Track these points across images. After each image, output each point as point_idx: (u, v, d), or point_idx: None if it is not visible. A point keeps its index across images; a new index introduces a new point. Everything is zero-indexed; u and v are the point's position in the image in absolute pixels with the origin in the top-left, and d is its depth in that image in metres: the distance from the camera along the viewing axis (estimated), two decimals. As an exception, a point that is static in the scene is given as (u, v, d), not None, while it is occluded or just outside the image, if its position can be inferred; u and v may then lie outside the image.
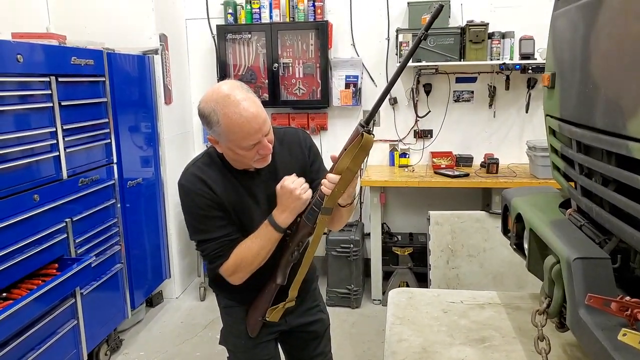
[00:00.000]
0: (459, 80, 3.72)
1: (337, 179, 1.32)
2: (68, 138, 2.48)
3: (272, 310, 1.55)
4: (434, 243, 3.23)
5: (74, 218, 2.52)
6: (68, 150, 2.48)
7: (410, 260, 3.60)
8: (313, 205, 1.41)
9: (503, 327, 1.74)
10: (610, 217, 1.13)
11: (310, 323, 1.69)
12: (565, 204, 1.55)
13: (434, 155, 3.72)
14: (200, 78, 3.98)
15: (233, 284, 1.49)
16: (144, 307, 3.42)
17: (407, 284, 3.51)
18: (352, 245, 3.47)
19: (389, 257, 3.64)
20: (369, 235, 3.59)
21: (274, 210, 1.44)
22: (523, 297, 1.96)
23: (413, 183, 3.39)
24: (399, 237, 3.81)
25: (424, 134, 3.82)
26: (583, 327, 1.07)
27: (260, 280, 1.52)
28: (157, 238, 3.46)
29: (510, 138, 3.75)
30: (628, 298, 1.00)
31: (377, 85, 3.81)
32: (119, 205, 2.98)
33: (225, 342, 1.69)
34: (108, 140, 2.88)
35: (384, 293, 3.53)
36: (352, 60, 3.77)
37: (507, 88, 3.60)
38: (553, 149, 1.54)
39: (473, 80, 3.71)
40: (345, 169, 1.31)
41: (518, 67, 3.38)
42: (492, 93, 3.65)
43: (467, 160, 3.67)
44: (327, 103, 3.78)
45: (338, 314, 3.37)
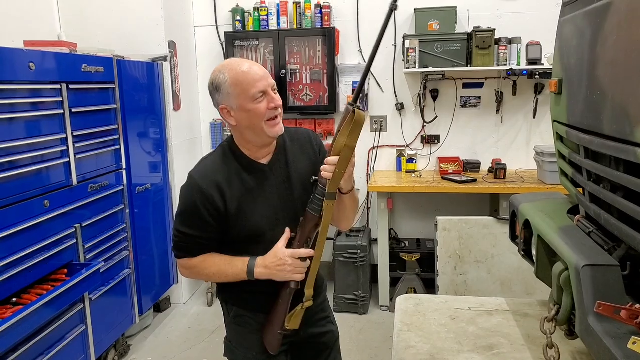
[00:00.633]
0: (466, 86, 3.72)
1: (336, 160, 1.33)
2: (78, 144, 2.51)
3: (290, 317, 1.48)
4: (442, 249, 3.22)
5: (84, 224, 2.54)
6: (78, 157, 2.51)
7: (418, 266, 3.59)
8: (316, 194, 1.40)
9: (511, 334, 1.73)
10: (619, 224, 1.12)
11: (321, 334, 1.66)
12: (574, 210, 1.55)
13: (442, 161, 3.72)
14: (208, 84, 4.01)
15: (241, 292, 1.50)
16: (152, 312, 3.44)
17: (414, 290, 3.50)
18: (359, 251, 3.47)
19: (397, 263, 3.63)
20: (376, 241, 3.59)
21: (259, 258, 1.44)
22: (532, 304, 1.94)
23: (420, 189, 3.39)
24: (407, 243, 3.80)
25: (431, 140, 3.82)
26: (592, 335, 1.06)
27: (272, 284, 1.48)
28: (165, 243, 3.48)
29: (518, 143, 3.74)
30: (638, 306, 0.99)
31: (384, 91, 3.82)
32: (128, 211, 3.00)
33: (233, 354, 1.61)
34: (117, 147, 2.90)
35: (392, 299, 3.52)
36: (359, 67, 3.79)
37: (514, 93, 3.59)
38: (561, 155, 1.53)
39: (480, 86, 3.71)
40: (343, 147, 1.33)
41: (525, 72, 3.38)
42: (499, 98, 3.65)
43: (474, 166, 3.66)
44: (334, 109, 3.79)
45: (345, 320, 3.36)
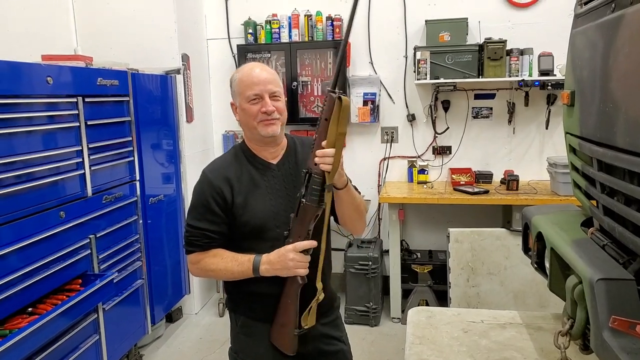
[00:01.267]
0: (478, 97, 3.71)
1: (333, 152, 1.34)
2: (93, 156, 2.55)
3: (306, 315, 1.47)
4: (454, 261, 3.20)
5: (98, 234, 2.57)
6: (93, 168, 2.55)
7: (430, 278, 3.57)
8: (313, 186, 1.40)
9: (525, 348, 1.71)
10: (634, 237, 1.11)
11: (332, 353, 1.63)
12: (587, 223, 1.53)
13: (453, 172, 3.71)
14: (221, 96, 4.05)
15: (250, 299, 1.52)
16: (164, 322, 3.46)
17: (426, 302, 3.47)
18: (370, 263, 3.46)
19: (408, 274, 3.61)
20: (388, 252, 3.58)
21: (264, 255, 1.46)
22: (545, 317, 1.92)
23: (432, 200, 3.37)
24: (418, 254, 3.78)
25: (443, 151, 3.82)
26: (607, 350, 1.05)
27: (280, 285, 1.48)
28: (177, 254, 3.50)
29: (531, 154, 3.72)
30: (653, 320, 0.98)
31: (395, 103, 3.83)
32: (141, 222, 3.03)
33: None
34: (131, 158, 2.94)
35: (403, 311, 3.50)
36: (370, 78, 3.81)
37: (526, 104, 3.58)
38: (574, 167, 1.52)
39: (492, 97, 3.70)
40: (337, 135, 1.35)
41: (537, 83, 3.37)
42: (511, 109, 3.63)
43: (486, 177, 3.64)
44: (345, 120, 3.80)
45: (357, 332, 3.34)
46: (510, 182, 3.41)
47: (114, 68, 2.90)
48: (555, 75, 3.34)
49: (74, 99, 2.41)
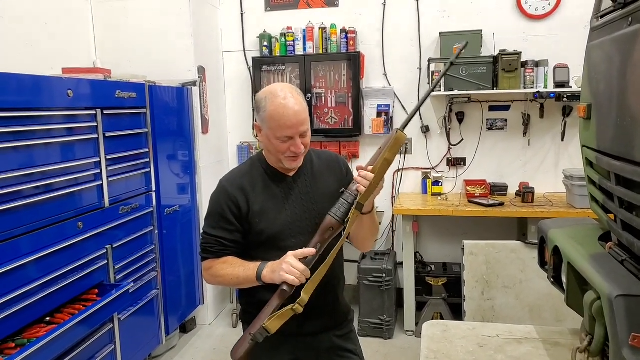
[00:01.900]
0: (492, 109, 3.70)
1: (372, 176, 1.41)
2: (111, 167, 2.59)
3: (272, 316, 1.39)
4: (469, 273, 3.17)
5: (114, 245, 2.60)
6: (110, 179, 2.59)
7: (444, 291, 3.53)
8: (343, 201, 1.44)
9: (542, 363, 1.68)
10: (653, 252, 1.10)
11: None
12: (605, 237, 1.51)
13: (468, 184, 3.68)
14: (236, 108, 4.09)
15: (260, 308, 1.50)
16: (178, 333, 3.47)
17: (440, 315, 3.44)
18: (384, 275, 3.44)
19: (422, 287, 3.58)
20: (402, 265, 3.55)
21: (270, 262, 1.46)
22: (562, 332, 1.89)
23: (447, 212, 3.35)
24: (433, 266, 3.75)
25: (457, 162, 3.80)
26: (627, 367, 1.03)
27: (291, 297, 1.45)
28: (191, 264, 3.53)
29: (546, 166, 3.68)
30: (674, 338, 0.96)
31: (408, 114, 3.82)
32: (157, 232, 3.06)
33: None
34: (148, 169, 2.98)
35: (417, 324, 3.46)
36: (384, 90, 3.82)
37: (541, 116, 3.56)
38: (591, 181, 1.51)
39: (506, 109, 3.68)
40: (383, 160, 1.41)
41: (552, 95, 3.35)
42: (526, 121, 3.61)
43: (501, 189, 3.61)
44: (358, 131, 3.82)
45: (370, 345, 3.32)
46: (526, 194, 3.37)
47: (132, 81, 2.95)
48: (571, 87, 3.32)
49: (93, 111, 2.46)
